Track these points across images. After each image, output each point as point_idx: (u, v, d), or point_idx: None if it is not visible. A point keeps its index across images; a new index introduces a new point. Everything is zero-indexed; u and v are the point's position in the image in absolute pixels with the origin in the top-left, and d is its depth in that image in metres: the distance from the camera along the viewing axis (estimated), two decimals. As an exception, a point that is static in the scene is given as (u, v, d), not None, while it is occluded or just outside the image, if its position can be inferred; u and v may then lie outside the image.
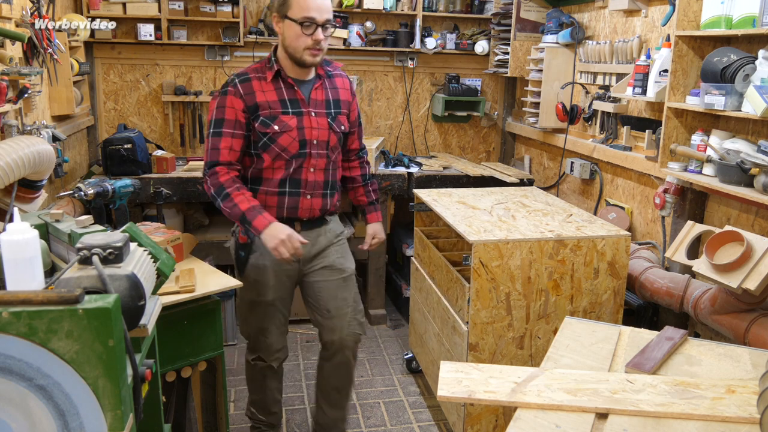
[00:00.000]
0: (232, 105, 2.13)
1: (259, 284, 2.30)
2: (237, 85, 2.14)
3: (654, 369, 1.49)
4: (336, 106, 2.28)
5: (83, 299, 1.04)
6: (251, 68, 2.20)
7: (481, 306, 2.35)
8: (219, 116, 2.14)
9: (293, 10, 2.08)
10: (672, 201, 2.64)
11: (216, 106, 2.15)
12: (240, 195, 2.11)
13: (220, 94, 2.15)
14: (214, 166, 2.14)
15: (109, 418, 1.07)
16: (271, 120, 2.16)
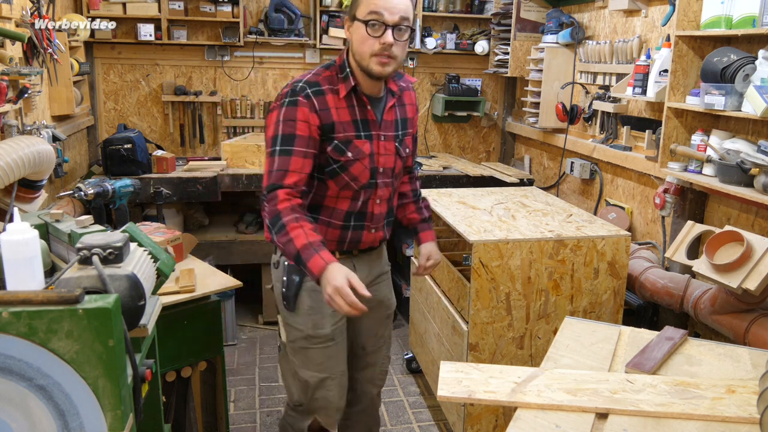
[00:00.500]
0: (306, 119, 1.75)
1: (315, 314, 1.90)
2: (311, 97, 1.76)
3: (654, 369, 1.49)
4: (404, 127, 1.96)
5: (83, 299, 1.04)
6: (322, 76, 1.81)
7: (481, 306, 2.35)
8: (289, 131, 1.74)
9: (361, 8, 1.73)
10: (672, 201, 2.64)
11: (283, 118, 1.75)
12: (297, 228, 1.68)
13: (288, 105, 1.75)
14: (276, 189, 1.72)
15: (109, 418, 1.07)
16: (345, 146, 1.80)
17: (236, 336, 3.67)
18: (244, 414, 2.92)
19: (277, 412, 2.94)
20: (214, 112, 4.22)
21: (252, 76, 4.24)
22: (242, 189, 3.65)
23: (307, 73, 1.83)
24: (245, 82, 4.24)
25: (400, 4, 1.72)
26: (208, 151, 4.27)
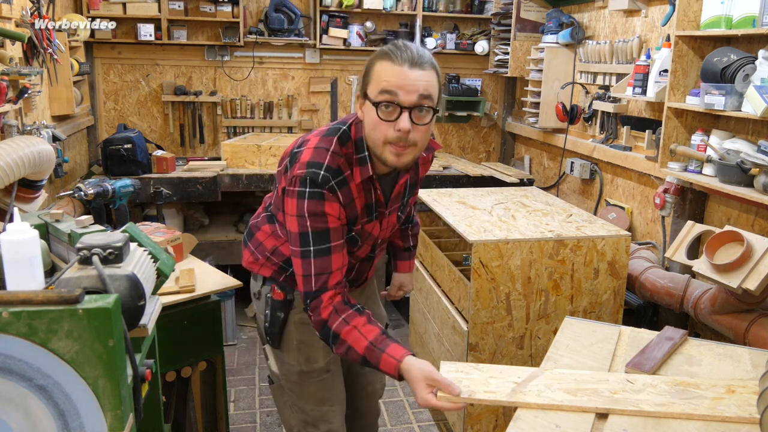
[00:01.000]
0: (336, 214, 1.53)
1: (306, 347, 1.76)
2: (336, 191, 1.51)
3: (654, 369, 1.49)
4: (410, 192, 1.78)
5: (83, 299, 1.04)
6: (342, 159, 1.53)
7: (481, 306, 2.35)
8: (321, 226, 1.51)
9: (372, 85, 1.45)
10: (672, 201, 2.64)
11: (308, 213, 1.50)
12: (351, 331, 1.50)
13: (311, 198, 1.49)
14: (321, 294, 1.52)
15: (109, 418, 1.07)
16: (359, 235, 1.65)
17: (236, 336, 3.67)
18: (244, 414, 2.92)
19: (277, 412, 2.94)
20: (214, 112, 4.22)
21: (252, 76, 4.24)
22: (242, 189, 3.65)
23: (324, 148, 1.53)
24: (245, 82, 4.24)
25: (420, 79, 1.42)
26: (208, 151, 4.27)
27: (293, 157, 1.56)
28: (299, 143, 1.59)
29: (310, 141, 1.56)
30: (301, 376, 1.77)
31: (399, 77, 1.41)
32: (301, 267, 1.54)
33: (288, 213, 1.54)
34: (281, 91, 4.32)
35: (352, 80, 4.39)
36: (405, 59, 1.42)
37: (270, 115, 4.29)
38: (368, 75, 1.47)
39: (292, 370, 1.78)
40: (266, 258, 1.75)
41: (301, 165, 1.51)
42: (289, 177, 1.52)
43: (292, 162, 1.55)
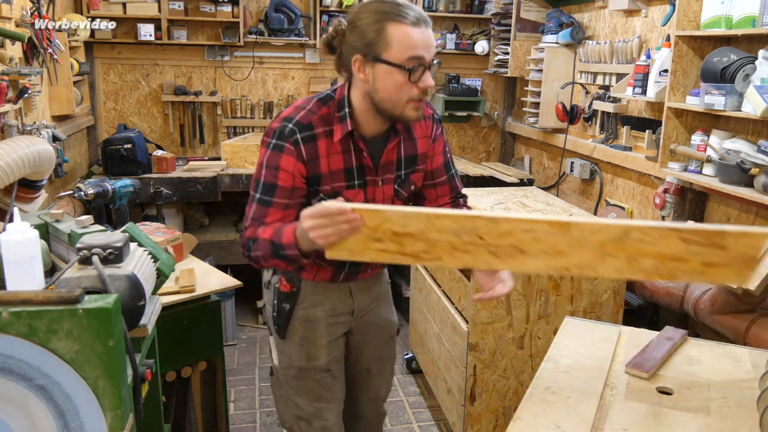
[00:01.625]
0: (290, 169, 1.55)
1: (309, 344, 1.77)
2: (299, 144, 1.54)
3: (654, 369, 1.49)
4: (409, 165, 1.71)
5: (83, 299, 1.04)
6: (317, 115, 1.57)
7: (481, 306, 2.35)
8: (270, 180, 1.56)
9: (392, 49, 1.45)
10: (672, 201, 2.64)
11: (266, 163, 1.56)
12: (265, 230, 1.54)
13: (273, 149, 1.55)
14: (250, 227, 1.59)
15: (109, 418, 1.07)
16: (333, 197, 1.53)
17: (236, 336, 3.67)
18: (244, 414, 2.92)
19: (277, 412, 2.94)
20: (214, 112, 4.22)
21: (252, 76, 4.24)
22: (242, 189, 3.65)
23: (303, 105, 1.59)
24: (245, 82, 4.24)
25: (432, 37, 1.49)
26: (208, 151, 4.27)
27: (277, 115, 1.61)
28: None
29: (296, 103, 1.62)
30: (301, 372, 1.78)
31: (422, 40, 1.46)
32: (247, 207, 1.61)
33: (258, 160, 1.60)
34: (281, 91, 4.32)
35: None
36: (416, 20, 1.46)
37: (270, 115, 4.29)
38: (381, 39, 1.46)
39: (293, 364, 1.79)
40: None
41: (278, 119, 1.57)
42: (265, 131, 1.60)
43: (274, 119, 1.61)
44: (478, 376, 2.43)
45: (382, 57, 1.46)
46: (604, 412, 1.34)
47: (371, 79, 1.51)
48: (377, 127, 1.60)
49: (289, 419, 1.86)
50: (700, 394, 1.41)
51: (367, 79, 1.51)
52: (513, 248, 1.26)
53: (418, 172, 1.75)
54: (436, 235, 1.30)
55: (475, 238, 1.28)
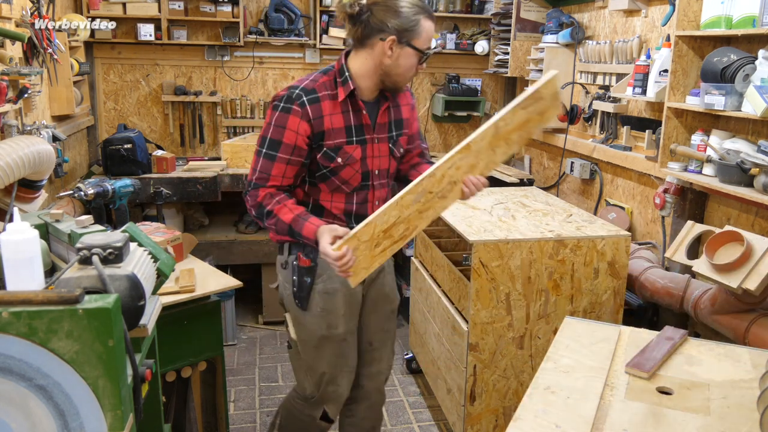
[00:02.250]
0: (295, 128, 1.78)
1: (329, 314, 1.95)
2: (305, 106, 1.78)
3: (654, 369, 1.49)
4: (398, 128, 1.97)
5: (83, 299, 1.04)
6: (319, 82, 1.82)
7: (481, 306, 2.35)
8: (276, 137, 1.79)
9: (421, 39, 1.78)
10: (672, 201, 2.64)
11: (274, 122, 1.79)
12: (281, 207, 1.80)
13: (282, 110, 1.78)
14: (258, 188, 1.82)
15: (109, 418, 1.07)
16: (335, 152, 1.83)
17: (236, 336, 3.67)
18: (244, 414, 2.92)
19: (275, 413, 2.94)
20: (214, 112, 4.22)
21: (252, 76, 4.24)
22: (242, 189, 3.62)
23: (305, 78, 1.85)
24: (245, 82, 4.25)
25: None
26: (208, 151, 4.27)
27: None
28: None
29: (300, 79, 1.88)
30: (321, 341, 1.97)
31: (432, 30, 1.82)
32: (252, 162, 1.85)
33: (265, 121, 1.84)
34: (281, 91, 4.32)
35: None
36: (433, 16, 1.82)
37: (270, 115, 4.29)
38: (415, 29, 1.77)
39: (314, 335, 1.97)
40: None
41: (284, 89, 1.83)
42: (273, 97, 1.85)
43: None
44: (478, 376, 2.43)
45: (412, 43, 1.78)
46: (604, 412, 1.34)
47: (395, 57, 1.79)
48: (371, 93, 1.89)
49: (308, 386, 2.06)
50: (700, 394, 1.41)
51: (392, 56, 1.79)
52: (450, 184, 1.68)
53: (405, 135, 2.03)
54: (406, 212, 1.67)
55: (428, 195, 1.67)
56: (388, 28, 1.75)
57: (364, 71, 1.83)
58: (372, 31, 1.78)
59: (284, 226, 1.79)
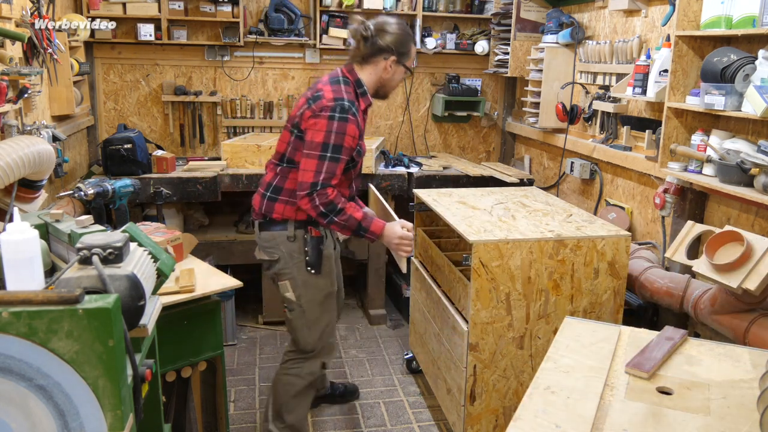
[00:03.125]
0: (353, 134, 2.21)
1: (331, 274, 2.42)
2: (356, 115, 2.23)
3: (654, 369, 1.49)
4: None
5: (83, 299, 1.04)
6: (351, 94, 2.26)
7: (481, 306, 2.35)
8: (340, 142, 2.18)
9: (409, 59, 2.35)
10: (672, 201, 2.64)
11: (337, 130, 2.17)
12: (351, 207, 2.24)
13: (339, 120, 2.17)
14: (326, 187, 2.19)
15: (109, 418, 1.07)
16: (360, 150, 2.34)
17: (236, 336, 3.67)
18: (244, 414, 2.92)
19: (277, 412, 2.94)
20: (214, 112, 4.22)
21: (252, 76, 4.24)
22: (242, 189, 3.65)
23: (337, 89, 2.24)
24: (245, 82, 4.25)
25: None
26: (208, 151, 4.27)
27: (315, 98, 2.23)
28: (315, 90, 2.27)
29: (323, 88, 2.25)
30: (326, 297, 2.40)
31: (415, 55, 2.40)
32: (315, 165, 2.18)
33: (317, 128, 2.18)
34: (281, 91, 4.32)
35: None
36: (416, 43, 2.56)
37: (270, 115, 4.29)
38: (408, 51, 2.33)
39: (321, 293, 2.39)
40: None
41: (328, 100, 2.20)
42: (317, 107, 2.20)
43: (315, 100, 2.22)
44: (478, 376, 2.43)
45: (404, 63, 2.34)
46: (604, 412, 1.34)
47: (392, 73, 2.33)
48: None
49: (310, 341, 2.42)
50: (700, 394, 1.41)
51: (390, 72, 2.33)
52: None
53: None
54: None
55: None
56: (390, 50, 2.28)
57: (369, 83, 2.34)
58: (377, 51, 2.29)
59: (354, 222, 2.22)
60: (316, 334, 2.41)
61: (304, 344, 2.43)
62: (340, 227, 2.24)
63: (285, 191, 2.33)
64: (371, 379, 3.25)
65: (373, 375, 3.30)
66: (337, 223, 2.22)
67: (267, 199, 2.36)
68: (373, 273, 3.90)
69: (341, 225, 2.22)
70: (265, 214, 2.37)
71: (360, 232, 2.25)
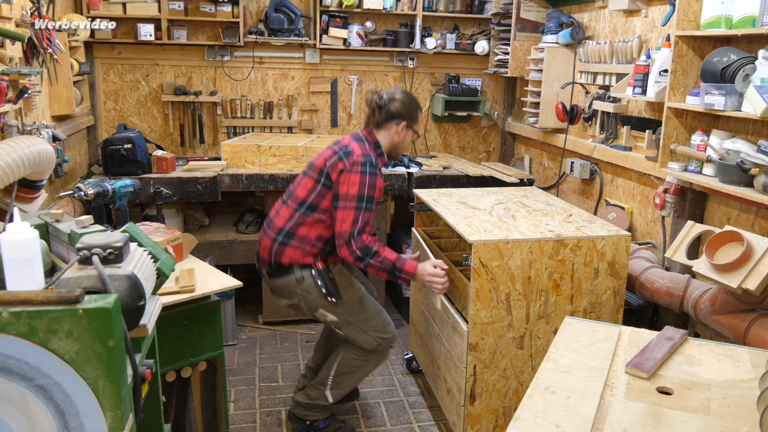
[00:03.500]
0: (380, 186, 2.47)
1: (351, 280, 2.58)
2: (380, 170, 2.49)
3: (654, 369, 1.49)
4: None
5: (83, 299, 1.04)
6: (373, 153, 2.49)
7: (481, 306, 2.35)
8: (371, 193, 2.40)
9: (418, 123, 2.62)
10: (672, 201, 2.64)
11: (368, 183, 2.39)
12: (385, 250, 2.40)
13: (370, 174, 2.40)
14: (361, 234, 2.37)
15: (109, 418, 1.07)
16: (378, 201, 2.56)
17: (236, 336, 3.67)
18: (244, 414, 2.92)
19: (277, 412, 2.94)
20: (214, 112, 4.22)
21: (252, 76, 4.24)
22: (242, 189, 3.65)
23: (359, 146, 2.46)
24: (245, 82, 4.25)
25: None
26: (208, 151, 4.27)
27: (345, 153, 2.43)
28: (342, 146, 2.48)
29: (351, 145, 2.47)
30: (361, 301, 2.55)
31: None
32: (352, 215, 2.37)
33: (351, 181, 2.38)
34: (281, 91, 4.32)
35: (352, 80, 4.39)
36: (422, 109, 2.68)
37: (270, 115, 4.29)
38: (416, 117, 2.60)
39: (354, 300, 2.53)
40: (311, 246, 2.47)
41: (358, 156, 2.42)
42: (350, 162, 2.40)
43: (346, 155, 2.42)
44: (478, 376, 2.43)
45: (414, 127, 2.61)
46: (604, 412, 1.34)
47: (403, 137, 2.58)
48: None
49: (372, 340, 2.54)
50: (700, 394, 1.41)
51: (401, 135, 2.57)
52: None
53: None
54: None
55: None
56: (402, 116, 2.53)
57: (384, 145, 2.56)
58: (390, 117, 2.53)
59: (389, 264, 2.39)
60: (372, 333, 2.53)
61: (368, 346, 2.55)
62: (376, 269, 2.39)
63: (297, 237, 2.46)
64: (371, 379, 3.25)
65: (373, 375, 3.30)
66: (373, 265, 2.37)
67: (278, 243, 2.48)
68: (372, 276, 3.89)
69: (377, 267, 2.38)
70: (272, 262, 2.50)
71: (395, 273, 2.39)
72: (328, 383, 2.61)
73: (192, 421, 2.34)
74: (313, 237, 2.46)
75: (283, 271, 2.48)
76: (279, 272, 2.49)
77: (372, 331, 2.53)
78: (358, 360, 2.60)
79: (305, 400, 2.64)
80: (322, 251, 2.49)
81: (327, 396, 2.61)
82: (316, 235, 2.46)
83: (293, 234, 2.46)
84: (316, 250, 2.48)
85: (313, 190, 2.45)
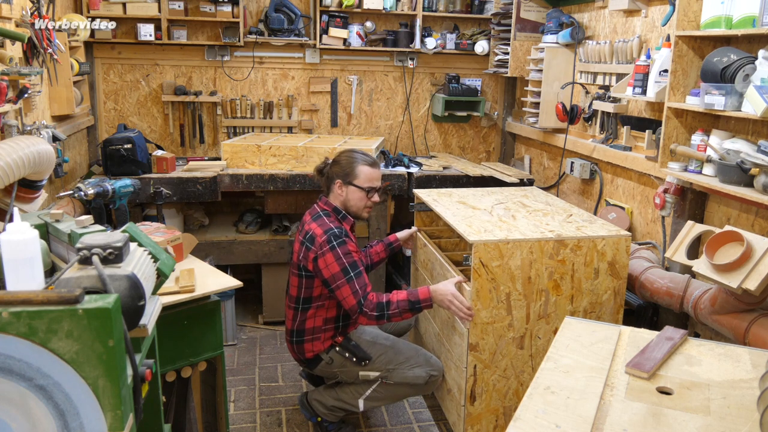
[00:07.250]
0: (354, 249, 2.47)
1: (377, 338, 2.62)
2: (348, 235, 2.47)
3: (654, 369, 1.49)
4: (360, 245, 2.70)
5: (83, 299, 1.04)
6: (334, 223, 2.48)
7: (482, 306, 2.35)
8: (350, 261, 2.41)
9: (360, 179, 2.54)
10: (672, 201, 2.64)
11: (342, 253, 2.40)
12: (392, 294, 2.40)
13: (339, 245, 2.40)
14: (367, 296, 2.39)
15: (109, 418, 1.07)
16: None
17: (236, 336, 3.67)
18: (244, 414, 2.92)
19: (277, 412, 2.94)
20: (214, 112, 4.23)
21: (252, 76, 4.24)
22: (242, 189, 3.65)
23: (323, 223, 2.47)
24: (245, 82, 4.25)
25: (380, 171, 2.62)
26: (208, 151, 4.27)
27: (309, 240, 2.46)
28: (304, 233, 2.50)
29: (311, 228, 2.48)
30: (393, 347, 2.59)
31: (377, 175, 2.59)
32: (349, 288, 2.40)
33: (328, 263, 2.40)
34: (281, 91, 4.32)
35: (352, 80, 4.39)
36: (375, 164, 2.59)
37: (270, 115, 4.30)
38: (353, 172, 2.54)
39: (385, 350, 2.57)
40: (324, 332, 2.56)
41: (320, 236, 2.43)
42: (318, 245, 2.42)
43: (311, 242, 2.45)
44: (478, 376, 2.43)
45: (354, 183, 2.54)
46: (604, 412, 1.34)
47: (345, 194, 2.56)
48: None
49: (420, 376, 2.54)
50: (700, 394, 1.41)
51: (343, 194, 2.56)
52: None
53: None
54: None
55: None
56: (336, 175, 2.55)
57: (340, 207, 2.57)
58: (330, 181, 2.57)
59: (405, 303, 2.38)
60: (419, 367, 2.55)
61: (419, 381, 2.55)
62: (398, 316, 2.40)
63: (307, 332, 2.56)
64: (371, 379, 3.25)
65: (373, 375, 3.30)
66: (393, 315, 2.39)
67: (295, 344, 2.60)
68: (372, 273, 3.90)
69: (397, 314, 2.39)
70: (302, 360, 2.63)
71: (416, 308, 2.39)
72: (365, 393, 2.61)
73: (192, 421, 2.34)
74: (321, 324, 2.55)
75: (314, 362, 2.59)
76: (312, 364, 2.60)
77: (417, 367, 2.54)
78: (410, 391, 2.62)
79: (332, 402, 2.64)
80: (336, 329, 2.58)
81: (359, 404, 2.62)
82: (322, 321, 2.55)
83: (303, 331, 2.56)
84: (331, 332, 2.57)
85: (301, 286, 2.53)
